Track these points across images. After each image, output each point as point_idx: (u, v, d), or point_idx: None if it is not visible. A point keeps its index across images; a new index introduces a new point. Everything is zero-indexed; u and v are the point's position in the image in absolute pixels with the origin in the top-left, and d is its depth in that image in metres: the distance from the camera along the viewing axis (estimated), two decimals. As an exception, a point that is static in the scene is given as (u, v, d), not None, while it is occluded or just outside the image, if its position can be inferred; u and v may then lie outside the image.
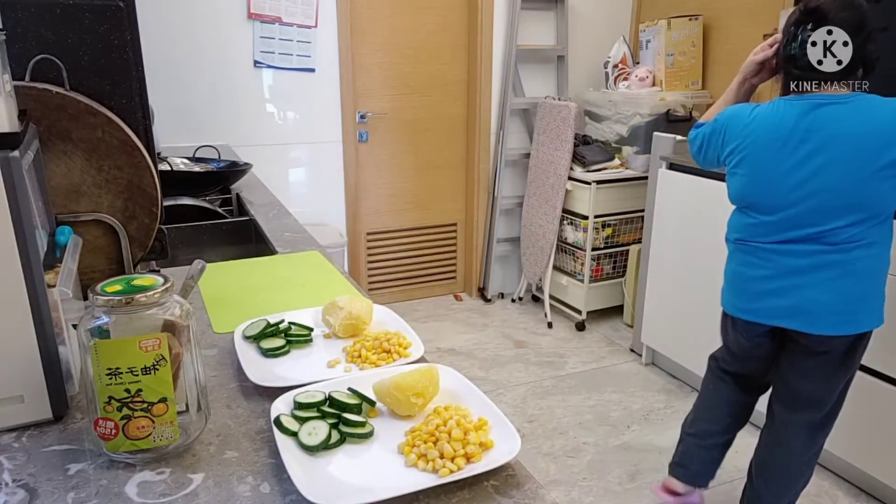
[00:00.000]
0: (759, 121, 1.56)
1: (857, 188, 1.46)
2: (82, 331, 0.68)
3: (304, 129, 3.22)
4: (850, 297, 1.53)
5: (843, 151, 1.45)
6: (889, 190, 1.45)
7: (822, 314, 1.54)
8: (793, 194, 1.51)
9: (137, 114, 1.12)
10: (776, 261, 1.58)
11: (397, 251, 3.69)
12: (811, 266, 1.54)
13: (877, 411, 1.97)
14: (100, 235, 1.11)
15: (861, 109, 1.45)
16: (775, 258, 1.58)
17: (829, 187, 1.47)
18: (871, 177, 1.44)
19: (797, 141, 1.49)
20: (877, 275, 1.55)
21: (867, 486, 2.11)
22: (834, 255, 1.51)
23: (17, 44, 1.03)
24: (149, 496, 0.66)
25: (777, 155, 1.52)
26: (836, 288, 1.52)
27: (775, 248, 1.58)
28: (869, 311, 1.55)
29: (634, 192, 3.22)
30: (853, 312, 1.54)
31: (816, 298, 1.54)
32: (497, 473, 0.70)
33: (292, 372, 0.91)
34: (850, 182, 1.46)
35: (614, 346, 3.20)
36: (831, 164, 1.47)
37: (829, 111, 1.47)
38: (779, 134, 1.52)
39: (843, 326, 1.55)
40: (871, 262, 1.52)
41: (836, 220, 1.49)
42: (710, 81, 3.27)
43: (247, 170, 2.19)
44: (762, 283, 1.61)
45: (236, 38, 2.96)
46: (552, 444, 2.39)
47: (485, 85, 3.47)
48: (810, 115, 1.48)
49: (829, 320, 1.54)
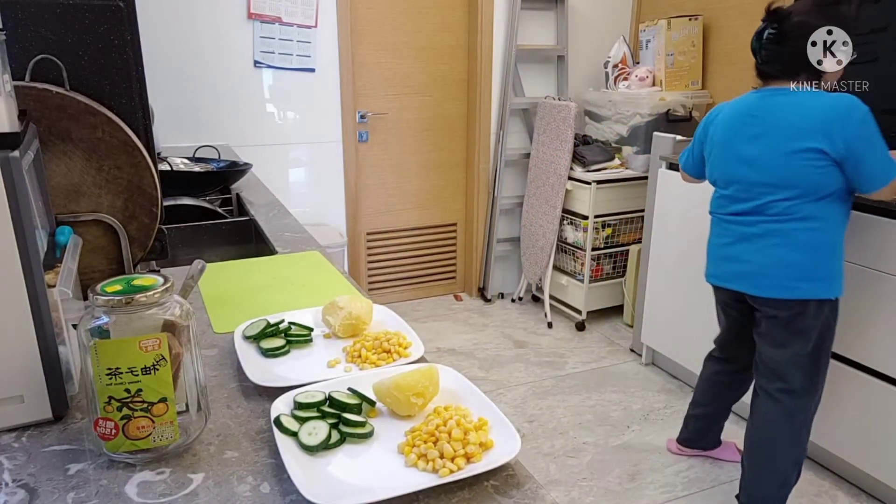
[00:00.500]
0: (726, 111, 1.82)
1: (782, 168, 1.66)
2: (82, 331, 0.68)
3: (304, 129, 3.22)
4: (787, 263, 1.70)
5: (776, 135, 1.67)
6: (812, 172, 1.63)
7: (762, 277, 1.74)
8: (740, 170, 1.75)
9: (137, 114, 1.12)
10: (733, 230, 1.80)
11: (397, 251, 3.69)
12: (756, 234, 1.75)
13: (877, 411, 1.97)
14: (100, 235, 1.11)
15: (801, 101, 1.65)
16: (733, 227, 1.81)
17: (764, 165, 1.70)
18: (791, 158, 1.64)
19: (748, 125, 1.73)
20: (821, 248, 1.69)
21: (867, 486, 2.11)
22: (773, 224, 1.72)
23: (17, 44, 1.03)
24: (149, 496, 0.66)
25: (733, 136, 1.77)
26: (775, 254, 1.72)
27: (732, 219, 1.81)
28: (809, 281, 1.70)
29: (634, 192, 3.22)
30: (790, 279, 1.71)
31: (758, 263, 1.74)
32: (497, 473, 0.70)
33: (292, 372, 0.90)
34: (777, 162, 1.67)
35: (614, 346, 3.20)
36: (767, 145, 1.69)
37: (776, 100, 1.69)
38: (737, 119, 1.77)
39: (780, 291, 1.72)
40: (812, 235, 1.68)
41: (772, 194, 1.70)
42: (709, 81, 3.27)
43: (247, 170, 2.19)
44: (723, 249, 1.84)
45: (236, 38, 2.96)
46: (552, 444, 2.39)
47: (485, 85, 3.47)
48: (761, 103, 1.72)
49: (767, 283, 1.74)
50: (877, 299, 1.93)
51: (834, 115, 1.59)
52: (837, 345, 2.06)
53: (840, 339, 2.05)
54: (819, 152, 1.60)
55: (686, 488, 2.15)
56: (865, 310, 1.97)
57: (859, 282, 1.97)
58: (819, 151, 1.60)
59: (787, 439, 1.83)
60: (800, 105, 1.64)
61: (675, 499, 2.11)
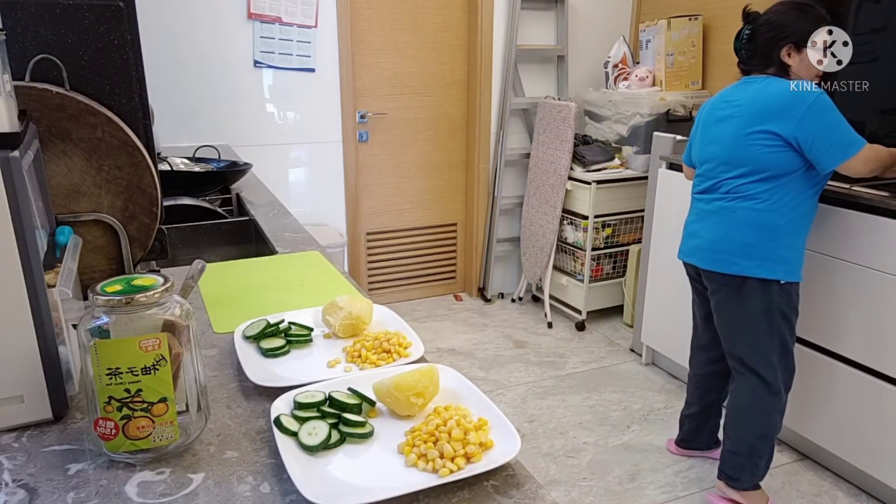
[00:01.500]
0: (711, 100, 1.97)
1: (737, 147, 1.80)
2: (82, 331, 0.68)
3: (304, 129, 3.22)
4: (728, 239, 1.83)
5: (739, 116, 1.80)
6: (762, 152, 1.75)
7: (709, 252, 1.88)
8: (708, 150, 1.90)
9: (137, 114, 1.12)
10: (697, 207, 1.95)
11: (397, 251, 3.69)
12: (710, 211, 1.88)
13: (877, 411, 1.97)
14: (100, 235, 1.11)
15: (765, 87, 1.77)
16: (697, 205, 1.96)
17: (724, 145, 1.83)
18: (745, 138, 1.77)
19: (721, 108, 1.88)
20: (765, 229, 1.78)
21: (867, 487, 2.11)
22: (724, 202, 1.85)
23: (17, 44, 1.03)
24: (149, 496, 0.66)
25: (708, 119, 1.92)
26: (718, 230, 1.85)
27: (697, 197, 1.96)
28: (749, 258, 1.80)
29: (634, 192, 3.22)
30: (730, 254, 1.82)
31: (709, 238, 1.88)
32: (497, 473, 0.70)
33: (292, 372, 0.90)
34: (733, 141, 1.81)
35: (614, 346, 3.20)
36: (731, 126, 1.82)
37: (747, 87, 1.83)
38: (715, 104, 1.92)
39: (721, 265, 1.85)
40: (756, 215, 1.78)
41: (725, 173, 1.84)
42: (709, 81, 3.27)
43: (247, 170, 2.19)
44: (689, 227, 1.99)
45: (236, 39, 2.96)
46: (552, 444, 2.39)
47: (485, 85, 3.47)
48: (736, 90, 1.86)
49: (711, 258, 1.87)
50: (880, 300, 1.93)
51: (787, 99, 1.71)
52: (838, 344, 2.07)
53: (841, 338, 2.06)
54: (771, 134, 1.72)
55: (686, 488, 2.15)
56: (867, 311, 1.97)
57: (860, 282, 1.97)
58: (771, 133, 1.72)
59: (747, 412, 1.92)
60: (763, 91, 1.77)
61: (675, 499, 2.11)
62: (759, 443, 1.92)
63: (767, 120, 1.73)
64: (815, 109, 1.68)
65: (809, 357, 2.15)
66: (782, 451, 2.34)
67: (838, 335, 2.06)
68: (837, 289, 2.04)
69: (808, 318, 2.13)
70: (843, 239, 2.00)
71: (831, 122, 1.69)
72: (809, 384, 2.16)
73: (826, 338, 2.10)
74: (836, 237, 2.02)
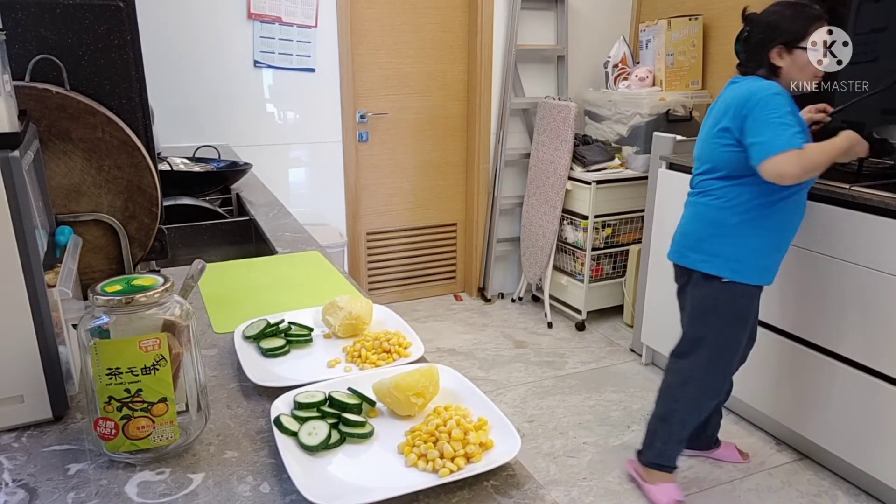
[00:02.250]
0: None
1: (703, 145, 1.86)
2: (82, 331, 0.68)
3: (304, 129, 3.22)
4: (683, 232, 1.92)
5: (711, 116, 1.86)
6: (719, 150, 1.78)
7: (673, 244, 1.97)
8: (695, 149, 1.95)
9: (137, 114, 1.12)
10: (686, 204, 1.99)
11: (397, 251, 3.68)
12: (685, 206, 1.96)
13: (877, 411, 1.97)
14: (100, 235, 1.11)
15: (739, 87, 1.77)
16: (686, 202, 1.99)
17: (699, 143, 1.90)
18: (710, 137, 1.82)
19: (710, 109, 1.91)
20: (716, 225, 1.82)
21: (867, 486, 2.11)
22: (691, 198, 1.93)
23: (17, 44, 1.03)
24: (149, 496, 0.66)
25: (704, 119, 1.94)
26: (682, 224, 1.94)
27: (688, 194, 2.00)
28: (696, 252, 1.86)
29: (634, 192, 3.22)
30: (685, 246, 1.91)
31: (677, 231, 1.96)
32: (497, 473, 0.70)
33: (292, 372, 0.90)
34: (703, 140, 1.87)
35: (614, 346, 3.20)
36: (705, 125, 1.88)
37: (729, 87, 1.84)
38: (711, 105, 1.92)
39: (676, 255, 1.95)
40: (709, 211, 1.83)
41: (697, 170, 1.91)
42: (710, 81, 3.27)
43: (247, 170, 2.19)
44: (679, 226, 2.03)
45: (236, 38, 2.96)
46: (552, 444, 2.39)
47: (485, 85, 3.47)
48: (724, 90, 1.87)
49: (672, 249, 1.97)
50: (880, 300, 1.93)
51: (740, 96, 1.72)
52: (838, 344, 2.07)
53: (841, 339, 2.06)
54: (726, 131, 1.76)
55: (686, 488, 2.15)
56: (867, 311, 1.97)
57: (860, 282, 1.97)
58: (727, 130, 1.76)
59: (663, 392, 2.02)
60: (735, 90, 1.78)
61: (675, 499, 2.11)
62: (658, 423, 2.01)
63: (725, 118, 1.75)
64: (756, 105, 1.66)
65: (809, 357, 2.15)
66: (782, 450, 2.34)
67: (838, 335, 2.06)
68: (837, 289, 2.04)
69: (808, 318, 2.13)
70: (843, 239, 2.00)
71: (764, 118, 1.65)
72: (809, 384, 2.16)
73: (826, 338, 2.10)
74: (836, 237, 2.02)
